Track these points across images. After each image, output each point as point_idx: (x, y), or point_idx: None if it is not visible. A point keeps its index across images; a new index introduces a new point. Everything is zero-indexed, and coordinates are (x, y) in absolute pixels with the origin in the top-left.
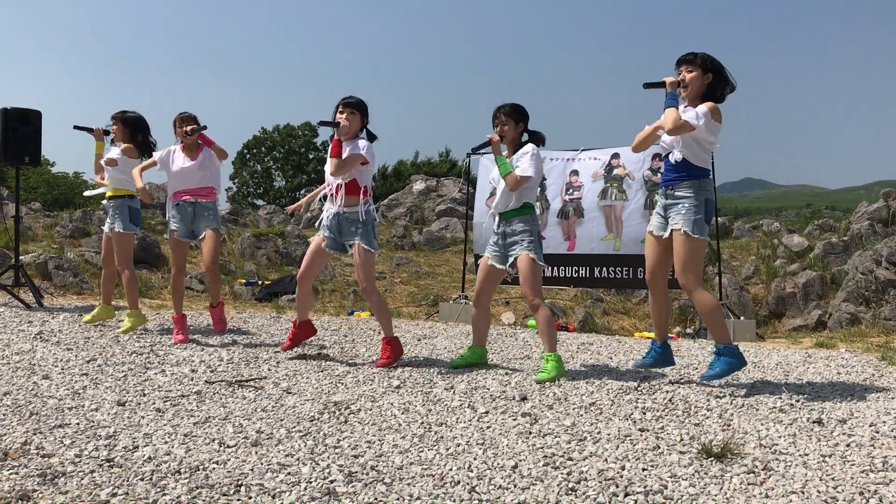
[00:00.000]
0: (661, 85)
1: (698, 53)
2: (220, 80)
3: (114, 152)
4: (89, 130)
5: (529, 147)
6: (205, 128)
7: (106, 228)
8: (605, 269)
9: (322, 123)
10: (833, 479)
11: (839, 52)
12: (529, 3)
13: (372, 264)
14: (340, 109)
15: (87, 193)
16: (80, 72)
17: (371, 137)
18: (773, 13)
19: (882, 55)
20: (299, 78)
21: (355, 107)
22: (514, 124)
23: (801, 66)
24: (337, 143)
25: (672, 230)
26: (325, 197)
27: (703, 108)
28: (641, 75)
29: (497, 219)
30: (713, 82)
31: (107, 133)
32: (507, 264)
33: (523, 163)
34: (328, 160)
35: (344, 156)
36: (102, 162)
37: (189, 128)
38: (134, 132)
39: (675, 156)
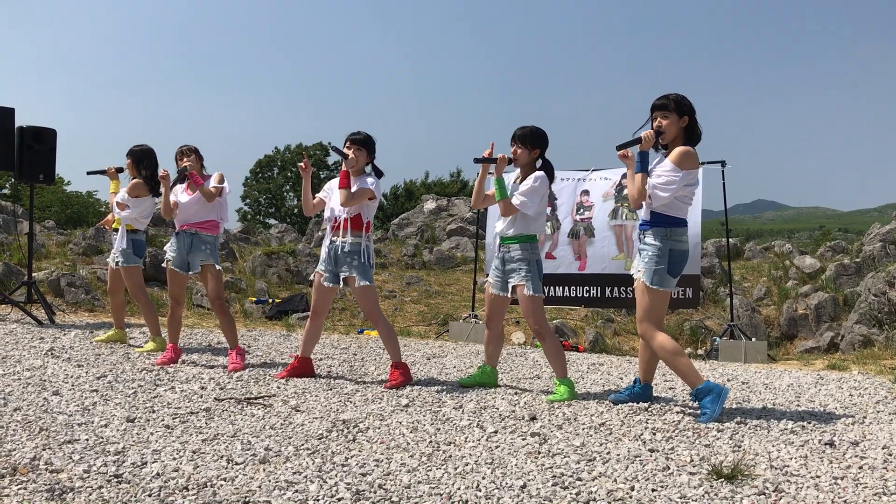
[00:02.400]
0: (637, 142)
1: (671, 97)
2: (232, 98)
3: (120, 194)
4: (102, 172)
5: (536, 178)
6: (184, 169)
7: (110, 260)
8: (615, 288)
9: (333, 149)
10: (845, 501)
11: (853, 72)
12: (543, 21)
13: (372, 295)
14: (348, 145)
15: (88, 172)
16: (95, 90)
17: (378, 174)
18: (785, 32)
19: None
20: (311, 97)
21: (362, 143)
22: (529, 150)
23: (815, 87)
24: (345, 175)
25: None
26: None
27: (667, 163)
28: (653, 94)
29: (498, 242)
30: (690, 124)
31: (120, 171)
32: (508, 292)
33: (524, 195)
34: (332, 190)
35: (353, 189)
36: (114, 205)
37: (182, 165)
38: (139, 166)
39: (643, 213)
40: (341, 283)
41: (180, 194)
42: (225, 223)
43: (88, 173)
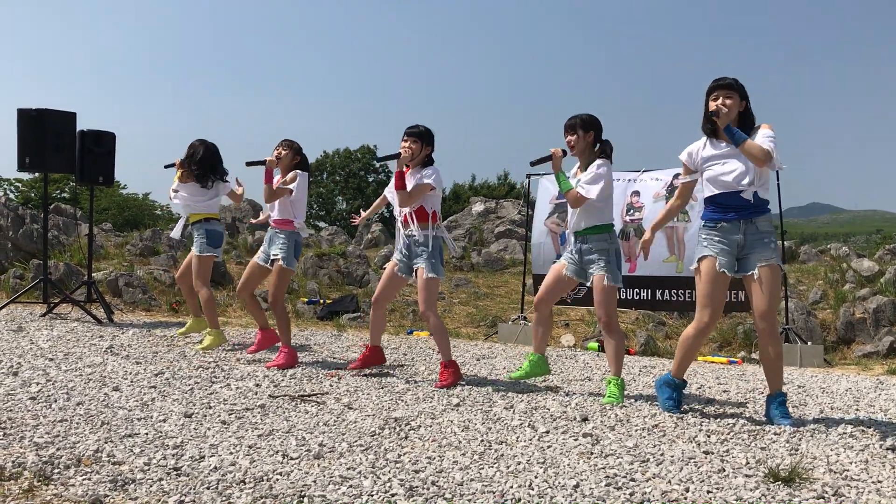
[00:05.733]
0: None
1: (733, 79)
2: (281, 102)
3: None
4: (173, 165)
5: (597, 164)
6: (262, 162)
7: (196, 250)
8: (667, 291)
9: (380, 159)
10: None
11: None
12: (589, 25)
13: (434, 290)
14: (404, 138)
15: (166, 166)
16: (151, 95)
17: (429, 163)
18: (842, 30)
19: None
20: (356, 100)
21: (418, 136)
22: (584, 134)
23: (872, 85)
24: (399, 175)
25: (765, 265)
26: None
27: (767, 130)
28: (701, 92)
29: (573, 236)
30: (745, 111)
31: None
32: (587, 279)
33: (588, 182)
34: (390, 191)
35: (409, 187)
36: (171, 192)
37: (269, 158)
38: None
39: (758, 190)
40: (414, 275)
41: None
42: (298, 222)
43: (166, 167)
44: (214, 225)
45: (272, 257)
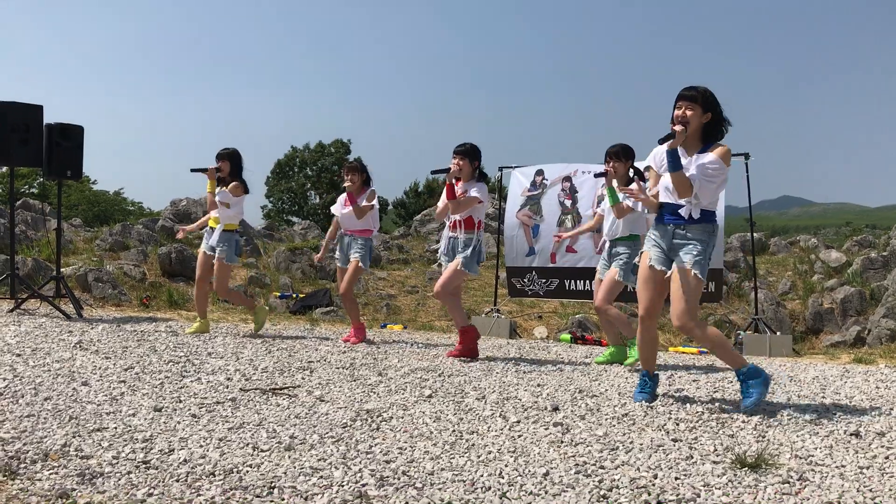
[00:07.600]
0: (674, 136)
1: (699, 89)
2: (253, 96)
3: (223, 194)
4: (204, 171)
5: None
6: (344, 189)
7: (204, 247)
8: None
9: (434, 172)
10: (871, 490)
11: (881, 66)
12: (556, 24)
13: (458, 279)
14: (453, 156)
15: (192, 170)
16: (120, 88)
17: (483, 178)
18: (812, 24)
19: None
20: (328, 94)
21: (464, 153)
22: (624, 163)
23: (842, 81)
24: (450, 187)
25: (679, 268)
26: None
27: (714, 157)
28: (671, 89)
29: (606, 242)
30: (710, 122)
31: (218, 171)
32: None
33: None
34: (442, 200)
35: (458, 195)
36: (218, 200)
37: (345, 185)
38: (236, 167)
39: (693, 211)
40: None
41: (341, 206)
42: (375, 229)
43: (192, 171)
44: (239, 237)
45: (351, 258)
